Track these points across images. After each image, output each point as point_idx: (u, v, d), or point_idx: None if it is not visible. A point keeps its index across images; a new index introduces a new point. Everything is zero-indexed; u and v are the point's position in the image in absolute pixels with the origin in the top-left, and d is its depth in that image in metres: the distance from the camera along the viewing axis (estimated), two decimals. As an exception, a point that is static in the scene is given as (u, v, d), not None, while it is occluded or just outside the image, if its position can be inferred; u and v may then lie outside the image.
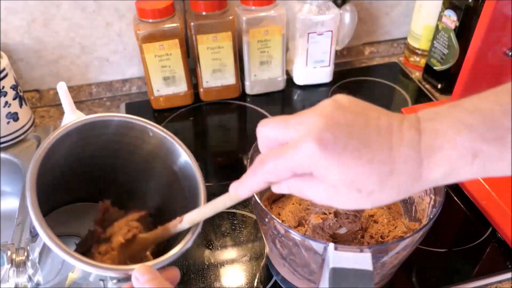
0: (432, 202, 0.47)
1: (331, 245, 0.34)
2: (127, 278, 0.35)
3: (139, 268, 0.35)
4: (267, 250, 0.55)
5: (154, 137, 0.44)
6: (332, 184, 0.30)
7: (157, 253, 0.43)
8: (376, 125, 0.30)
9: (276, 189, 0.34)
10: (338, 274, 0.33)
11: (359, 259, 0.33)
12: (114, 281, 0.36)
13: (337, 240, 0.47)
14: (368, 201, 0.31)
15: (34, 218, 0.33)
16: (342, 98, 0.32)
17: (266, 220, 0.44)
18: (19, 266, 0.40)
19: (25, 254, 0.40)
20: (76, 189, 0.45)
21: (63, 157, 0.41)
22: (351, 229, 0.47)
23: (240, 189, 0.35)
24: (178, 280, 0.39)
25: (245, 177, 0.34)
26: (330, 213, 0.45)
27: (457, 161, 0.29)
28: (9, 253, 0.40)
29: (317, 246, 0.39)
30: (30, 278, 0.39)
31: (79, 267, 0.33)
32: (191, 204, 0.43)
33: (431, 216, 0.43)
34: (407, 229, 0.50)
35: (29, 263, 0.39)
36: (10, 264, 0.39)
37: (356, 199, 0.31)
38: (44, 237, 0.33)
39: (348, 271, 0.33)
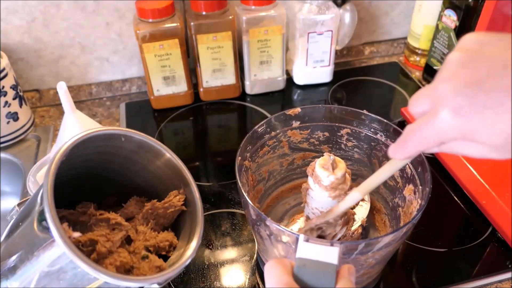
0: (418, 206, 0.47)
1: (301, 236, 0.35)
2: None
3: None
4: (257, 248, 0.55)
5: (132, 142, 0.45)
6: (482, 142, 0.29)
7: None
8: None
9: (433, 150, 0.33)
10: (302, 264, 0.34)
11: (326, 252, 0.34)
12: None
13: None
14: None
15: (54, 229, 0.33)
16: (469, 43, 0.29)
17: (252, 212, 0.45)
18: None
19: None
20: (73, 199, 0.45)
21: (66, 170, 0.41)
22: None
23: (397, 154, 0.34)
24: None
25: (398, 145, 0.34)
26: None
27: None
28: None
29: (291, 236, 0.41)
30: None
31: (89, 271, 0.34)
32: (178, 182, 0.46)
33: (414, 221, 0.43)
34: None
35: None
36: None
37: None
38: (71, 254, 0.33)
39: (312, 262, 0.33)
